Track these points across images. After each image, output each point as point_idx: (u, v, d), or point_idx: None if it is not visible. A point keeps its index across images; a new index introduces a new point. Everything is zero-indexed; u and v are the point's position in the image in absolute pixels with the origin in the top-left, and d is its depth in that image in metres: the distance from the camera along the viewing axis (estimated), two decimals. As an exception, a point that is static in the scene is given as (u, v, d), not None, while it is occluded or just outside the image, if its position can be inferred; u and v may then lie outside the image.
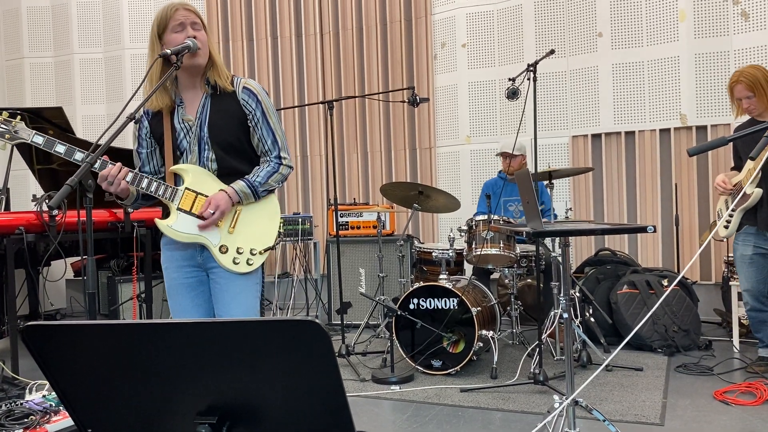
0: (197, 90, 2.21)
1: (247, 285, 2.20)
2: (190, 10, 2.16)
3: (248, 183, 2.19)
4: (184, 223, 2.17)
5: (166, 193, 2.16)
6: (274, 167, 2.24)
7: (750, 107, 3.47)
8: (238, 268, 2.17)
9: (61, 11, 6.79)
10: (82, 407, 1.07)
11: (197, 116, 2.19)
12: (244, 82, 2.23)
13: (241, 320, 0.99)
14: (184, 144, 2.20)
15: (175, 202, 2.17)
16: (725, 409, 3.04)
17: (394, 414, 3.15)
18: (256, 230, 2.22)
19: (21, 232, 3.75)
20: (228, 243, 2.17)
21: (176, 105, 2.21)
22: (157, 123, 2.23)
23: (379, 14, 6.12)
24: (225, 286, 2.20)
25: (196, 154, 2.19)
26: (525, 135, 4.91)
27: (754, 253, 3.48)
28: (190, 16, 2.14)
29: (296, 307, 5.76)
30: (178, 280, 2.24)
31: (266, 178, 2.21)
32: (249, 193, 2.19)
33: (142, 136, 2.27)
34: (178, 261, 2.24)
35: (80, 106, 6.77)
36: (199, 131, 2.18)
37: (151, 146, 2.27)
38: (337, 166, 6.17)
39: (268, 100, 2.26)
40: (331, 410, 1.00)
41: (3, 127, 2.14)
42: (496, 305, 4.03)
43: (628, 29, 5.21)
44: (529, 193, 2.34)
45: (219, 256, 2.17)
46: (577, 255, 5.36)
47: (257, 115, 2.21)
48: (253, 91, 2.22)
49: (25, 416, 2.73)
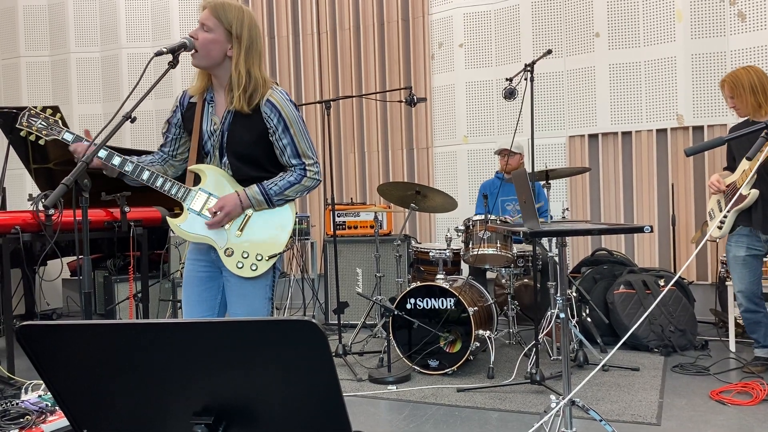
0: (224, 95, 2.19)
1: (255, 288, 2.19)
2: (209, 9, 2.11)
3: (262, 189, 2.15)
4: (193, 223, 2.19)
5: (179, 192, 2.18)
6: (297, 179, 2.19)
7: (734, 108, 3.54)
8: (242, 272, 2.16)
9: (57, 10, 6.78)
10: (77, 407, 1.07)
11: (222, 121, 2.18)
12: (270, 93, 2.15)
13: (238, 320, 0.99)
14: (209, 146, 2.22)
15: (187, 202, 2.19)
16: (721, 408, 3.05)
17: (390, 414, 3.14)
18: (264, 236, 2.18)
19: (17, 231, 3.74)
20: (234, 246, 2.17)
21: (206, 101, 2.21)
22: (190, 117, 2.24)
23: (376, 14, 6.12)
24: (233, 287, 2.21)
25: (217, 159, 2.21)
26: (522, 135, 4.92)
27: (747, 254, 3.48)
28: (204, 16, 2.11)
29: (293, 307, 5.75)
30: (191, 272, 2.27)
31: (284, 188, 2.17)
32: (262, 199, 2.15)
33: (173, 123, 2.29)
34: (195, 254, 2.27)
35: (77, 105, 6.76)
36: (221, 138, 2.19)
37: (177, 134, 2.29)
38: (334, 166, 6.17)
39: (294, 111, 2.18)
40: (327, 410, 1.00)
41: (43, 123, 2.18)
42: (493, 305, 4.03)
43: (625, 30, 5.22)
44: (526, 193, 2.34)
45: (224, 259, 2.17)
46: (573, 255, 5.37)
47: (279, 130, 2.16)
48: (275, 105, 2.14)
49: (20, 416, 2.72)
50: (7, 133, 4.41)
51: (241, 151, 2.18)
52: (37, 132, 2.17)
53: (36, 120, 2.17)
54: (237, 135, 2.17)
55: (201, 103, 2.22)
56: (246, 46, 2.11)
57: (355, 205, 5.29)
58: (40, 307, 5.30)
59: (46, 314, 5.64)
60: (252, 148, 2.18)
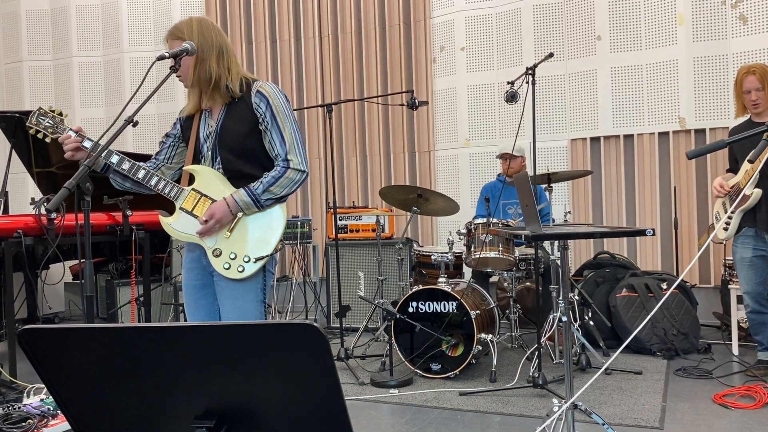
0: (218, 100, 2.24)
1: (245, 290, 2.19)
2: (170, 37, 2.19)
3: (249, 192, 2.16)
4: (183, 223, 2.21)
5: (171, 192, 2.21)
6: (280, 172, 2.19)
7: (758, 100, 3.46)
8: (229, 273, 2.17)
9: (60, 14, 6.80)
10: (79, 411, 1.07)
11: (216, 122, 2.23)
12: (260, 85, 2.20)
13: (240, 324, 0.98)
14: (204, 149, 2.25)
15: (179, 201, 2.22)
16: (724, 412, 3.04)
17: (392, 418, 3.14)
18: (252, 238, 2.19)
19: (19, 235, 3.75)
20: (222, 247, 2.18)
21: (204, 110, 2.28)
22: (188, 126, 2.30)
23: (378, 18, 6.13)
24: (224, 290, 2.22)
25: (210, 158, 2.24)
26: (524, 138, 4.91)
27: (754, 255, 3.48)
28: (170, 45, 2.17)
29: (295, 311, 5.75)
30: (186, 281, 2.31)
31: (269, 185, 2.17)
32: (249, 202, 2.16)
33: (171, 134, 2.37)
34: (188, 263, 2.30)
35: (79, 109, 6.78)
36: (215, 139, 2.22)
37: (174, 143, 2.36)
38: (336, 170, 6.18)
39: (283, 102, 2.21)
40: (329, 414, 0.99)
41: (50, 122, 2.22)
42: (495, 308, 4.03)
43: (627, 33, 5.22)
44: (528, 196, 2.34)
45: (212, 260, 2.19)
46: (576, 258, 5.36)
47: (267, 118, 2.18)
48: (264, 94, 2.18)
49: (22, 420, 2.72)
50: (10, 137, 4.42)
51: (233, 144, 2.20)
52: (44, 131, 2.21)
53: (44, 119, 2.22)
54: (229, 129, 2.20)
55: (199, 114, 2.28)
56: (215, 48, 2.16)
57: (356, 209, 5.29)
58: (42, 310, 5.30)
59: (48, 318, 5.64)
60: (244, 140, 2.20)
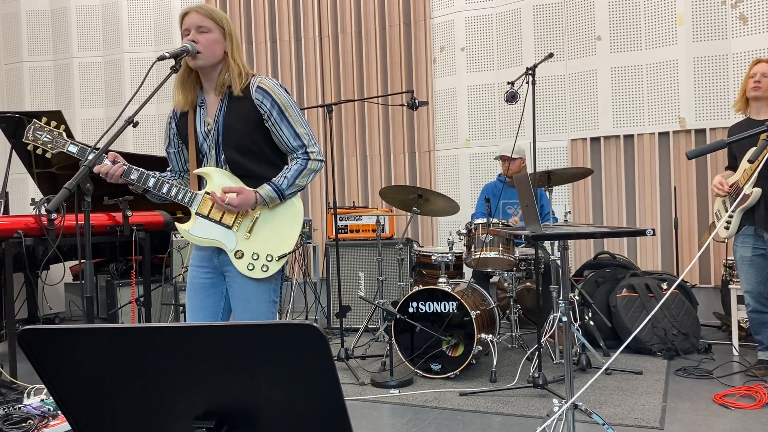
0: (215, 92, 2.22)
1: (260, 291, 2.18)
2: (200, 12, 2.14)
3: (274, 187, 2.16)
4: (201, 228, 2.19)
5: (185, 197, 2.19)
6: (302, 164, 2.19)
7: (760, 82, 3.45)
8: (253, 273, 2.16)
9: (60, 15, 6.80)
10: (79, 412, 1.07)
11: (215, 119, 2.20)
12: (259, 81, 2.19)
13: (240, 324, 0.98)
14: (205, 147, 2.23)
15: (194, 206, 2.20)
16: (725, 412, 3.03)
17: (393, 418, 3.14)
18: (273, 236, 2.18)
19: (20, 235, 3.75)
20: (244, 248, 2.16)
21: (198, 105, 2.24)
22: (184, 124, 2.27)
23: (378, 18, 6.13)
24: (238, 291, 2.20)
25: (214, 157, 2.22)
26: (524, 138, 4.91)
27: (754, 254, 3.48)
28: (196, 20, 2.13)
29: (295, 311, 5.75)
30: (194, 278, 2.28)
31: (294, 178, 2.18)
32: (275, 196, 2.16)
33: (170, 136, 2.33)
34: (197, 260, 2.28)
35: (79, 110, 6.78)
36: (216, 135, 2.20)
37: (178, 146, 2.33)
38: (336, 170, 6.18)
39: (286, 96, 2.20)
40: (329, 414, 0.99)
41: (48, 137, 2.20)
42: (496, 308, 4.03)
43: (627, 33, 5.22)
44: (528, 196, 2.34)
45: (235, 261, 2.17)
46: (576, 258, 5.36)
47: (273, 115, 2.16)
48: (267, 90, 2.16)
49: (23, 420, 2.72)
50: (10, 138, 4.42)
51: (239, 142, 2.18)
52: (42, 146, 2.20)
53: (41, 134, 2.20)
54: (232, 127, 2.18)
55: (193, 110, 2.25)
56: (235, 41, 2.20)
57: (357, 209, 5.29)
58: (43, 311, 5.30)
59: (48, 318, 5.64)
60: (249, 137, 2.18)
